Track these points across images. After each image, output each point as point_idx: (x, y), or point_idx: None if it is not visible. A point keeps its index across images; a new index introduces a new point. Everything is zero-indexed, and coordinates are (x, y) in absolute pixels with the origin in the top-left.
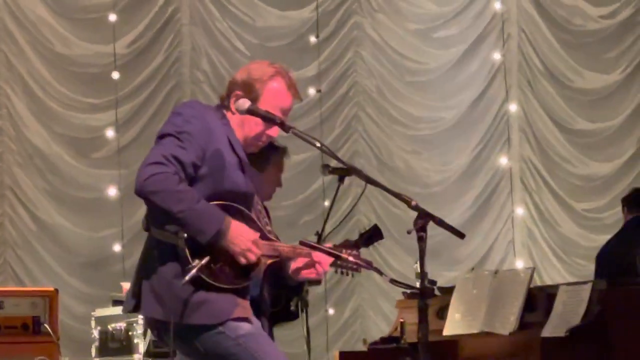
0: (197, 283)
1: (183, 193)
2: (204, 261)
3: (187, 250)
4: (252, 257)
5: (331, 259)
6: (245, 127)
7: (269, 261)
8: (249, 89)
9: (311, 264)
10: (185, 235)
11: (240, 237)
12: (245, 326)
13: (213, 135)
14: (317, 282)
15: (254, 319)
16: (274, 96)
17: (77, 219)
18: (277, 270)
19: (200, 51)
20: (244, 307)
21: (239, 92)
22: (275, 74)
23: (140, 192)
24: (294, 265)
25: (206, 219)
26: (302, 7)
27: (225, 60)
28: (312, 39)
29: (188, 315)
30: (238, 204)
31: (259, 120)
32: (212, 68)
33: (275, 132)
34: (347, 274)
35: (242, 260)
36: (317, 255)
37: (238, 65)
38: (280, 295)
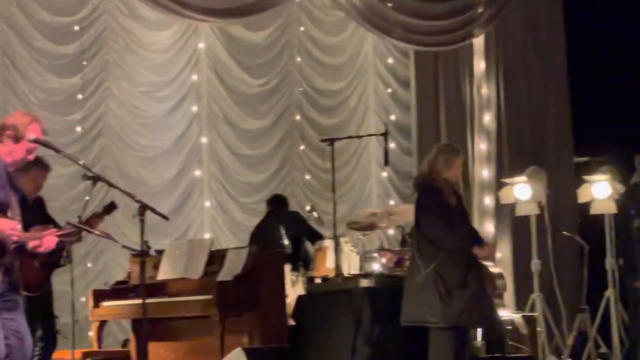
0: None
1: None
2: None
3: None
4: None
5: (55, 241)
6: (13, 154)
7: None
8: (16, 130)
9: (41, 244)
10: None
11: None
12: None
13: None
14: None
15: None
16: (33, 133)
17: None
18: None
19: (9, 102)
20: None
21: (9, 132)
22: (33, 120)
23: None
24: (32, 244)
25: None
26: (73, 75)
27: (25, 108)
28: (79, 96)
29: None
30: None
31: (24, 147)
32: None
33: (32, 155)
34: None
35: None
36: (46, 239)
37: (33, 112)
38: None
